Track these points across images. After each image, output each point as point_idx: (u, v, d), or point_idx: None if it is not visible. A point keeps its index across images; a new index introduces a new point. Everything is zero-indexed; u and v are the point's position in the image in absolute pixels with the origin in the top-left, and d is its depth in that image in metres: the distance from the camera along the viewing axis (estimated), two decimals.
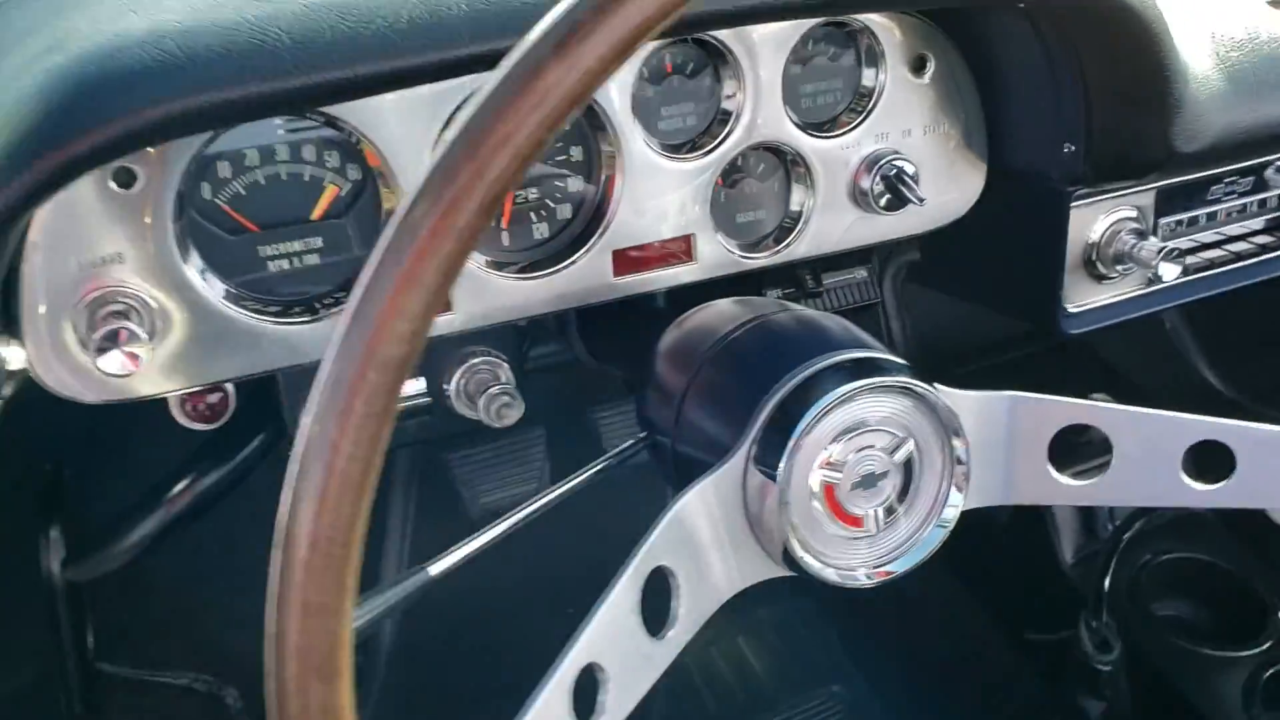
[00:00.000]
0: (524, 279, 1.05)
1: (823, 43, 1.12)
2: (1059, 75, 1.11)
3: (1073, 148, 1.14)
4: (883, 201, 1.15)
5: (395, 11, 0.77)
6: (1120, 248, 1.29)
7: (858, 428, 0.83)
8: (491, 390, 1.05)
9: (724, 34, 1.04)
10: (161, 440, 1.20)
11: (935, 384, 0.86)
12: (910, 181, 1.13)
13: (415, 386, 1.10)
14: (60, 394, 0.92)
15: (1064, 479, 0.88)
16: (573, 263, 1.06)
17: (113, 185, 0.88)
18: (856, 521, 0.85)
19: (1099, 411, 0.86)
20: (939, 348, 2.05)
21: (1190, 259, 1.34)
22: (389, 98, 0.92)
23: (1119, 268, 1.31)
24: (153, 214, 0.90)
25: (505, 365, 1.11)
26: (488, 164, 0.50)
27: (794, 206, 1.15)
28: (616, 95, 1.03)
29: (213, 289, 0.94)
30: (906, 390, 0.83)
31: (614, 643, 0.75)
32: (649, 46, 1.02)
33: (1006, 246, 1.31)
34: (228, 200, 0.96)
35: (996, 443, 0.87)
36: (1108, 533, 1.91)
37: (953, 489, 0.86)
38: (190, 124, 0.74)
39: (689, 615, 0.82)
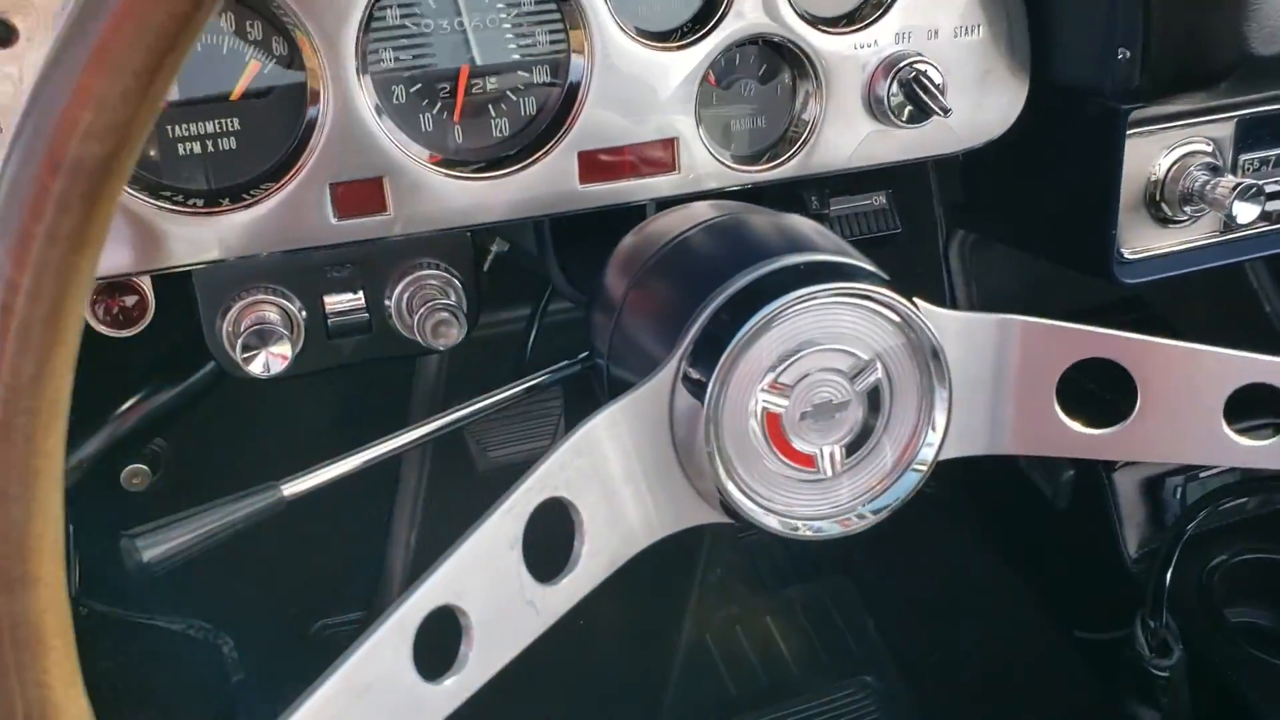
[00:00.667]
0: (473, 179, 0.92)
1: None
2: None
3: (1128, 53, 0.97)
4: (903, 113, 0.99)
5: None
6: (1189, 185, 1.12)
7: (810, 345, 0.68)
8: (432, 304, 0.93)
9: None
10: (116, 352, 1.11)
11: (915, 300, 0.70)
12: (935, 89, 0.97)
13: (350, 300, 0.97)
14: None
15: (1073, 425, 0.72)
16: (530, 164, 0.93)
17: None
18: (806, 460, 0.70)
19: (1122, 343, 0.70)
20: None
21: (1276, 205, 1.16)
22: None
23: (1188, 209, 1.14)
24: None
25: (456, 282, 0.98)
26: None
27: (798, 114, 1.00)
28: None
29: None
30: (873, 300, 0.68)
31: (483, 583, 0.62)
32: None
33: (1053, 178, 1.14)
34: None
35: (989, 376, 0.71)
36: (1171, 519, 1.72)
37: (929, 428, 0.70)
38: None
39: (593, 559, 0.68)
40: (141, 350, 1.06)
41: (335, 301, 0.97)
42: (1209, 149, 1.14)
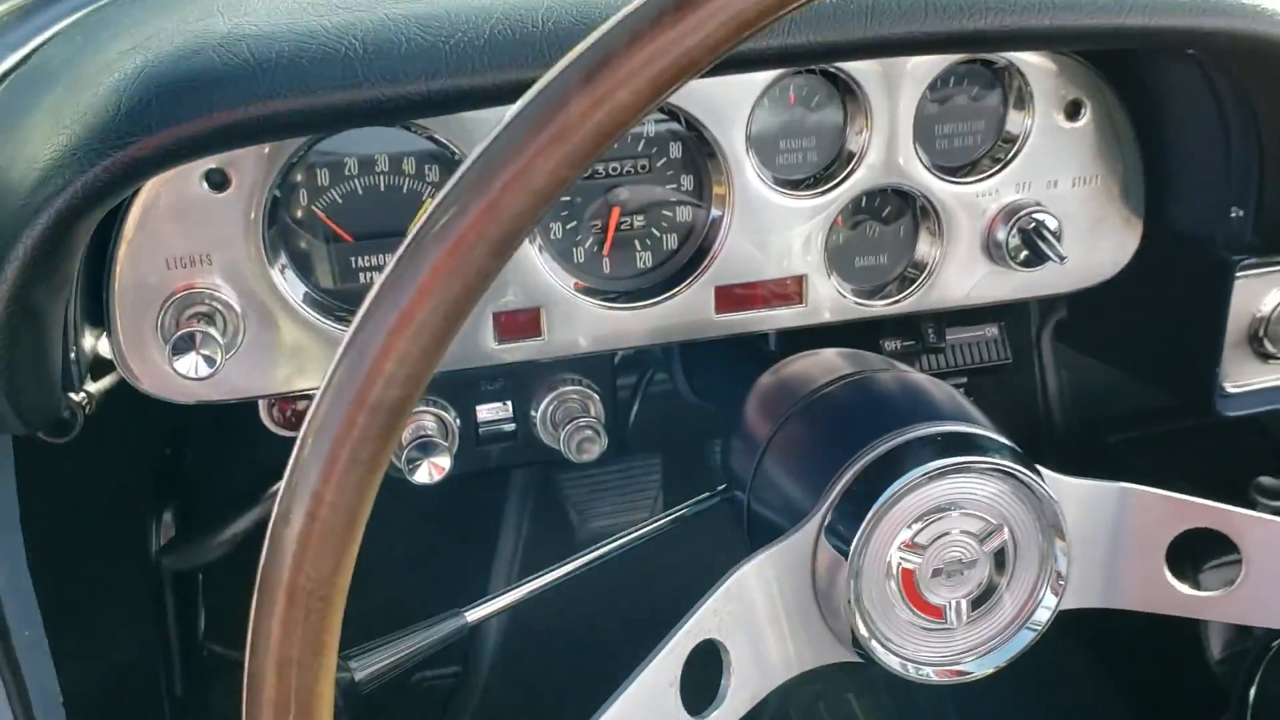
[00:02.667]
0: (620, 309, 1.00)
1: (965, 80, 1.04)
2: (1230, 130, 1.00)
3: (1241, 213, 1.03)
4: (1020, 257, 1.06)
5: (477, 27, 0.73)
6: None
7: (946, 509, 0.75)
8: (577, 422, 1.01)
9: (852, 67, 0.97)
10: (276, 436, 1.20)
11: (1040, 468, 0.77)
12: (1051, 237, 1.03)
13: (500, 411, 1.06)
14: (142, 390, 0.92)
15: (1183, 588, 0.78)
16: (672, 296, 1.01)
17: (205, 187, 0.87)
18: (935, 612, 0.76)
19: (1228, 516, 0.75)
20: (1098, 409, 1.91)
21: None
22: (488, 113, 0.89)
23: None
24: (243, 217, 0.89)
25: (596, 398, 1.06)
26: (501, 201, 0.46)
27: (919, 255, 1.07)
28: (731, 125, 0.97)
29: (296, 296, 0.92)
30: (1003, 473, 0.75)
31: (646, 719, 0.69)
32: (769, 76, 0.96)
33: (1161, 314, 1.19)
34: (324, 208, 0.94)
35: (1104, 539, 0.77)
36: (1262, 630, 1.73)
37: (1048, 590, 0.77)
38: (258, 131, 0.72)
39: (737, 695, 0.75)
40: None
41: (486, 411, 1.05)
42: None
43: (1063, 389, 1.97)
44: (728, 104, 0.96)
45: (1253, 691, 1.50)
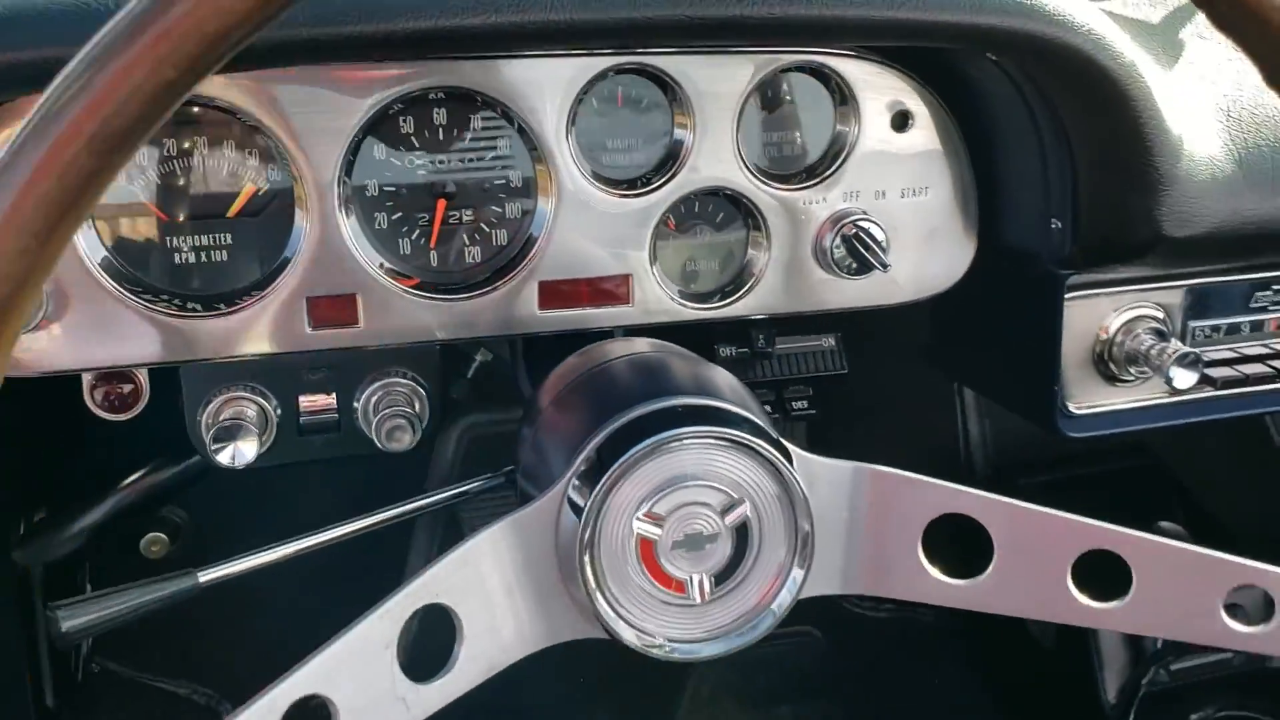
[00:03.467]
0: (439, 300, 1.01)
1: (793, 88, 1.05)
2: (1044, 141, 1.01)
3: (1059, 224, 1.04)
4: (846, 265, 1.07)
5: None
6: (1135, 347, 1.17)
7: (684, 480, 0.75)
8: (388, 411, 1.01)
9: (674, 68, 0.99)
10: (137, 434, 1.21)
11: (790, 447, 0.77)
12: (875, 246, 1.04)
13: (324, 402, 1.06)
14: None
15: (935, 574, 0.78)
16: (493, 290, 1.02)
17: None
18: (677, 586, 0.76)
19: (978, 501, 0.75)
20: (1020, 452, 1.91)
21: (1222, 370, 1.20)
22: (299, 92, 0.91)
23: (1133, 370, 1.18)
24: None
25: (422, 391, 1.06)
26: (100, 97, 0.47)
27: (749, 260, 1.08)
28: (554, 123, 0.98)
29: (103, 273, 0.94)
30: (744, 447, 0.75)
31: (355, 678, 0.68)
32: (590, 73, 0.97)
33: (1005, 333, 1.20)
34: (142, 188, 0.96)
35: (856, 522, 0.77)
36: (1161, 676, 1.71)
37: (793, 570, 0.76)
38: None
39: (470, 663, 0.74)
40: (149, 432, 1.16)
41: (309, 402, 1.06)
42: (1159, 314, 1.19)
43: (984, 431, 1.98)
44: (550, 102, 0.98)
45: None
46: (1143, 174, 0.93)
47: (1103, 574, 0.75)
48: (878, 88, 1.04)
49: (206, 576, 0.84)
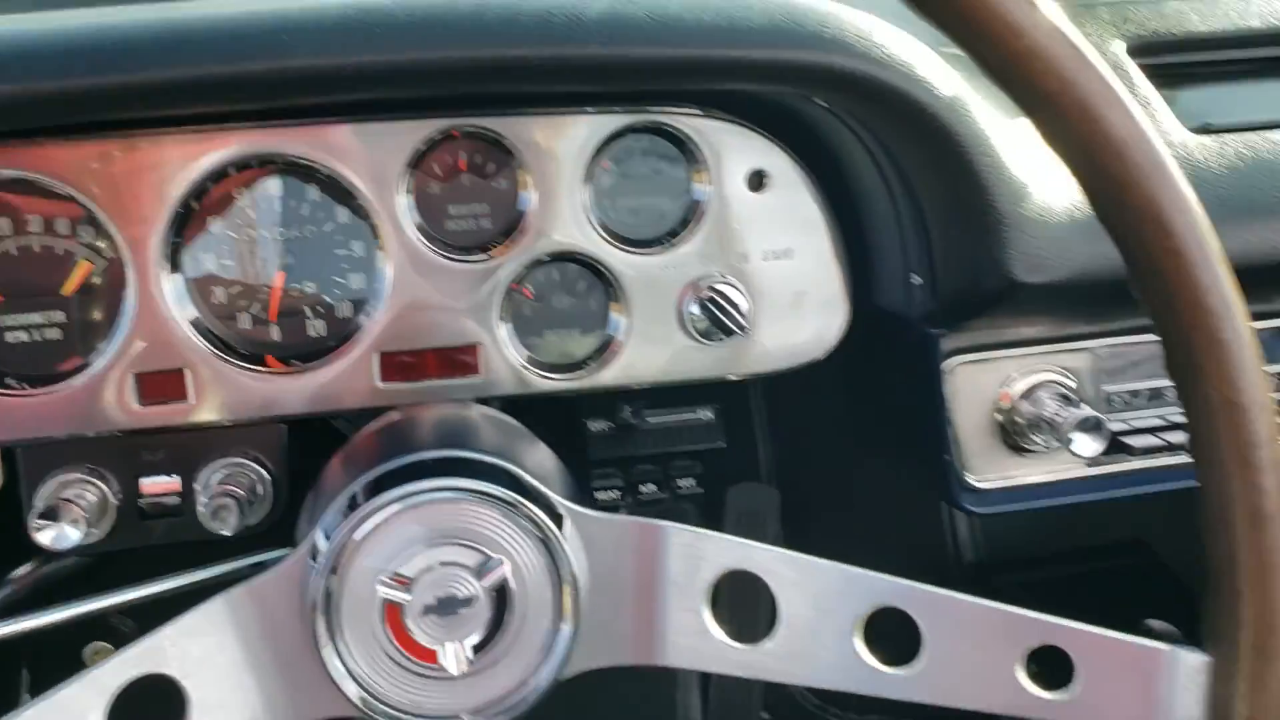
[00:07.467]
0: (272, 375, 0.98)
1: (646, 150, 1.02)
2: (894, 192, 0.97)
3: (919, 279, 0.98)
4: (709, 332, 1.02)
5: None
6: (1039, 413, 1.09)
7: (433, 538, 0.69)
8: (216, 490, 0.97)
9: (510, 130, 0.97)
10: None
11: (565, 504, 0.71)
12: (732, 309, 1.00)
13: (165, 484, 1.03)
14: None
15: (722, 638, 0.70)
16: (330, 363, 0.98)
17: None
18: (429, 655, 0.69)
19: (765, 557, 0.68)
20: (987, 552, 1.81)
21: (1143, 440, 1.11)
22: (118, 161, 0.90)
23: (1038, 439, 1.10)
24: None
25: (264, 471, 1.02)
26: None
27: (609, 328, 1.03)
28: (389, 190, 0.96)
29: None
30: (495, 500, 0.69)
31: None
32: (425, 136, 0.95)
33: (896, 400, 1.13)
34: None
35: (639, 585, 0.70)
36: None
37: (562, 632, 0.69)
38: None
39: None
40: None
41: (150, 485, 1.02)
42: (1068, 379, 1.11)
43: (974, 530, 1.88)
44: (385, 168, 0.96)
45: None
46: (983, 216, 0.87)
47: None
48: (731, 147, 1.01)
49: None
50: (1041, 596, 1.83)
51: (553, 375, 1.02)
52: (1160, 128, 0.99)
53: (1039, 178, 0.90)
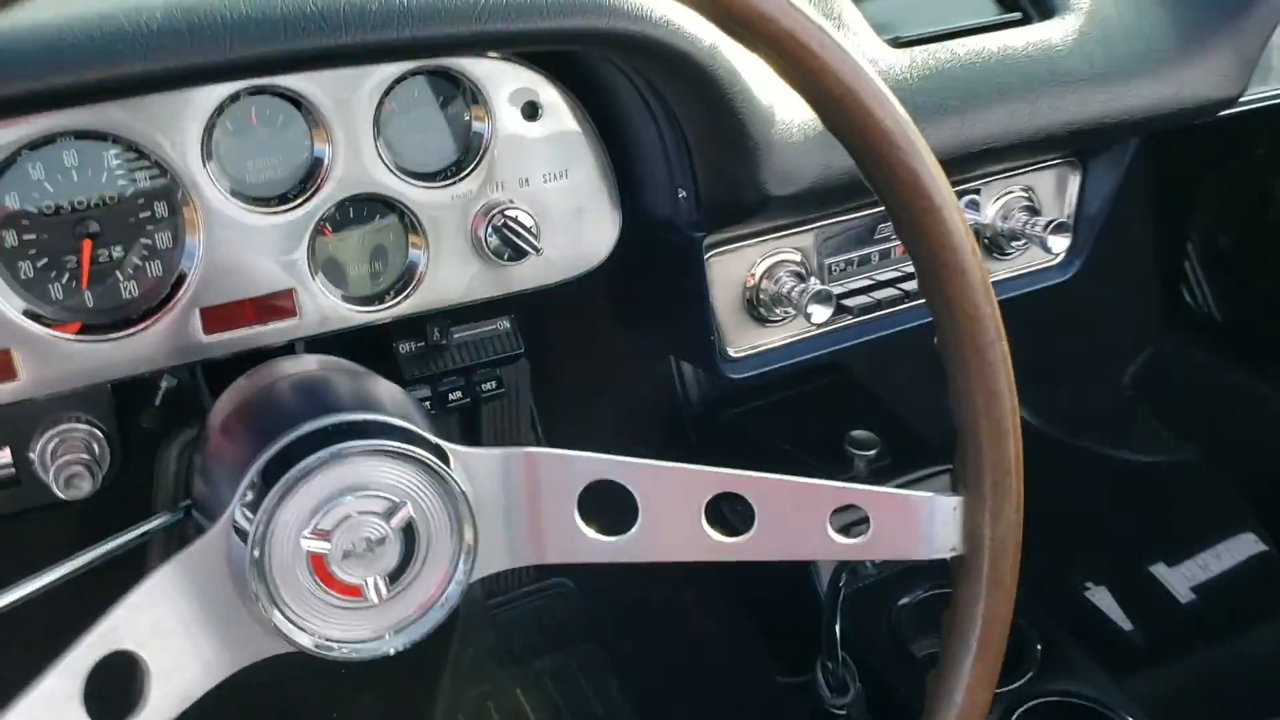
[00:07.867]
0: (99, 341, 1.01)
1: (426, 89, 1.10)
2: (660, 123, 1.10)
3: (685, 194, 1.13)
4: (503, 254, 1.13)
5: None
6: (778, 290, 1.29)
7: (344, 493, 0.80)
8: (64, 458, 1.01)
9: (300, 86, 1.02)
10: None
11: (450, 447, 0.83)
12: (525, 232, 1.11)
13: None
14: None
15: (593, 535, 0.86)
16: (154, 323, 1.03)
17: None
18: (354, 591, 0.81)
19: (620, 467, 0.84)
20: (729, 385, 2.04)
21: (858, 299, 1.34)
22: None
23: (779, 311, 1.31)
24: None
25: (98, 433, 1.06)
26: None
27: (410, 259, 1.12)
28: (185, 150, 1.00)
29: None
30: (396, 454, 0.80)
31: None
32: (217, 98, 0.99)
33: (665, 293, 1.30)
34: None
35: (514, 502, 0.84)
36: (867, 569, 1.90)
37: (461, 553, 0.83)
38: None
39: (162, 701, 0.77)
40: None
41: None
42: (797, 258, 1.31)
43: (697, 376, 2.11)
44: (179, 129, 0.99)
45: (836, 627, 1.64)
46: (741, 143, 1.03)
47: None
48: (505, 83, 1.10)
49: None
50: (766, 417, 2.12)
51: (364, 309, 1.11)
52: (862, 47, 1.17)
53: (781, 102, 1.07)
